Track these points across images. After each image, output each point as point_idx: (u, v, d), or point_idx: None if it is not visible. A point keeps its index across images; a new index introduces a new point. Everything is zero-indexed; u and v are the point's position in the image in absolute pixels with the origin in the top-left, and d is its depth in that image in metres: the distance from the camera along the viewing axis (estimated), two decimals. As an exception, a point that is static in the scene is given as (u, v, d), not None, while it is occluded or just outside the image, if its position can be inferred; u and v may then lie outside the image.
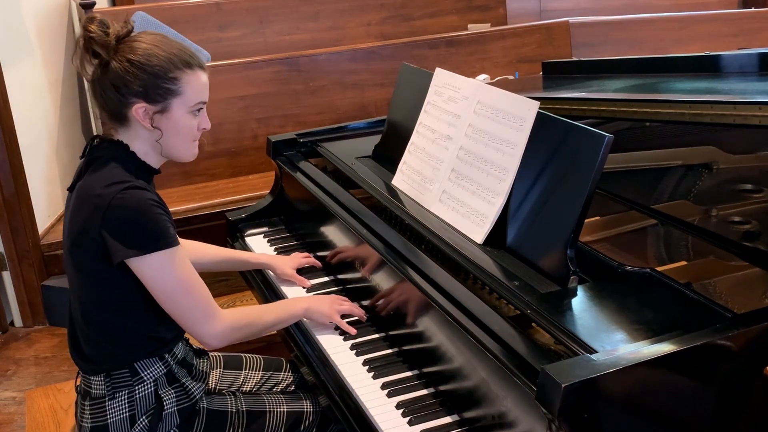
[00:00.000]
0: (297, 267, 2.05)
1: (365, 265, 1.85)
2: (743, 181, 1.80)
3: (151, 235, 1.50)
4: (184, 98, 1.57)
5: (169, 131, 1.58)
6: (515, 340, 1.32)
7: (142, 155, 1.60)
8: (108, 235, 1.49)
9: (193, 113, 1.60)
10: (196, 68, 1.59)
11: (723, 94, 1.88)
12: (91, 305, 1.59)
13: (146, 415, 1.60)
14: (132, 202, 1.49)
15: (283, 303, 1.84)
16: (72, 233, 1.56)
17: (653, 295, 1.40)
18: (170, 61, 1.55)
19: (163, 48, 1.56)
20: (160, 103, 1.55)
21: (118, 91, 1.54)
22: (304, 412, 1.78)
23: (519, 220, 1.58)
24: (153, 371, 1.61)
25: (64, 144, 3.88)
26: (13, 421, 2.81)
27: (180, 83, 1.56)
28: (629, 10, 4.77)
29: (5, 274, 3.41)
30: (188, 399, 1.65)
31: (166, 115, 1.57)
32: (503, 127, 1.65)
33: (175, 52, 1.56)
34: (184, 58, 1.57)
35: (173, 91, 1.55)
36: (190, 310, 1.58)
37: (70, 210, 1.59)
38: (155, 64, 1.53)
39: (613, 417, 1.18)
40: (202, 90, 1.60)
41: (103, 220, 1.49)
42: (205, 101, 1.62)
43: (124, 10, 4.16)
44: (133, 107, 1.54)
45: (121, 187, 1.50)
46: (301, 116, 3.54)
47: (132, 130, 1.59)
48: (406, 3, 4.53)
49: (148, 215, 1.50)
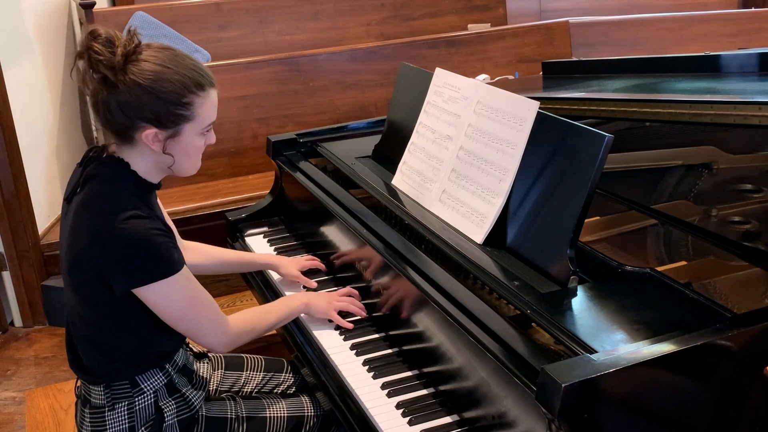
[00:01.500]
0: (301, 269, 2.04)
1: (366, 266, 1.85)
2: (743, 181, 1.80)
3: (154, 264, 1.46)
4: (197, 122, 1.51)
5: (179, 154, 1.53)
6: (515, 340, 1.32)
7: (144, 173, 1.55)
8: (110, 268, 1.45)
9: (202, 134, 1.55)
10: (208, 88, 1.52)
11: (723, 94, 1.88)
12: (91, 324, 1.55)
13: (146, 426, 1.58)
14: (133, 234, 1.44)
15: (283, 301, 1.84)
16: (71, 256, 1.51)
17: (653, 295, 1.40)
18: (183, 86, 1.47)
19: (175, 70, 1.47)
20: (171, 128, 1.49)
21: (126, 113, 1.46)
22: (305, 416, 1.77)
23: (519, 220, 1.58)
24: (153, 382, 1.59)
25: (64, 144, 3.88)
26: (13, 421, 2.81)
27: (193, 108, 1.49)
28: (629, 10, 4.78)
29: (5, 274, 3.41)
30: (189, 410, 1.63)
31: (177, 138, 1.51)
32: (503, 127, 1.65)
33: (188, 73, 1.48)
34: (197, 80, 1.49)
35: (186, 116, 1.49)
36: (200, 326, 1.57)
37: (69, 228, 1.53)
38: (168, 90, 1.45)
39: (613, 417, 1.18)
40: (213, 110, 1.55)
41: (105, 253, 1.45)
42: (215, 119, 1.56)
43: (124, 10, 4.16)
44: (142, 132, 1.47)
45: (122, 218, 1.44)
46: (301, 116, 3.54)
47: (137, 150, 1.52)
48: (406, 3, 4.53)
49: (150, 246, 1.45)
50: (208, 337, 1.59)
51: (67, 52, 4.08)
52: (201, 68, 1.52)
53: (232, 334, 1.62)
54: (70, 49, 4.16)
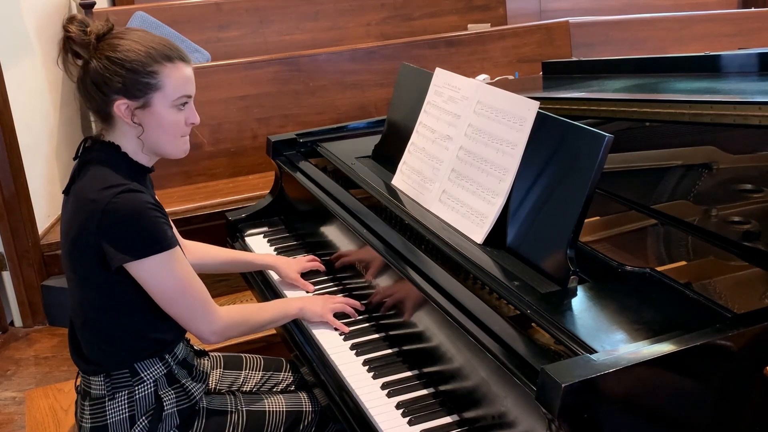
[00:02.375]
0: (301, 270, 2.04)
1: (366, 266, 1.85)
2: (743, 181, 1.80)
3: (147, 239, 1.49)
4: (165, 92, 1.54)
5: (152, 126, 1.56)
6: (515, 340, 1.32)
7: (133, 154, 1.59)
8: (104, 241, 1.48)
9: (176, 107, 1.57)
10: (176, 61, 1.55)
11: (723, 94, 1.88)
12: (91, 308, 1.59)
13: (146, 415, 1.60)
14: (127, 207, 1.48)
15: (278, 302, 1.85)
16: (69, 238, 1.55)
17: (653, 295, 1.40)
18: (149, 55, 1.52)
19: (142, 43, 1.53)
20: (140, 98, 1.53)
21: (100, 89, 1.53)
22: (303, 411, 1.78)
23: (519, 220, 1.58)
24: (153, 372, 1.61)
25: (64, 144, 3.88)
26: (13, 421, 2.81)
27: (159, 77, 1.53)
28: (629, 10, 4.78)
29: (5, 274, 3.41)
30: (188, 400, 1.65)
31: (148, 110, 1.54)
32: (503, 127, 1.65)
33: (155, 45, 1.54)
34: (164, 52, 1.54)
35: (152, 85, 1.53)
36: (189, 309, 1.58)
37: (67, 214, 1.58)
38: (133, 59, 1.51)
39: (613, 417, 1.18)
40: (185, 83, 1.57)
41: (99, 226, 1.48)
42: (189, 95, 1.58)
43: (124, 10, 4.17)
44: (114, 104, 1.53)
45: (115, 191, 1.49)
46: (301, 116, 3.54)
47: (119, 129, 1.57)
48: (406, 3, 4.53)
49: (144, 219, 1.49)
50: (199, 324, 1.60)
51: (67, 52, 4.07)
52: (170, 44, 1.58)
53: (222, 323, 1.62)
54: (70, 49, 4.16)
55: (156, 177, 1.68)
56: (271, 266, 2.07)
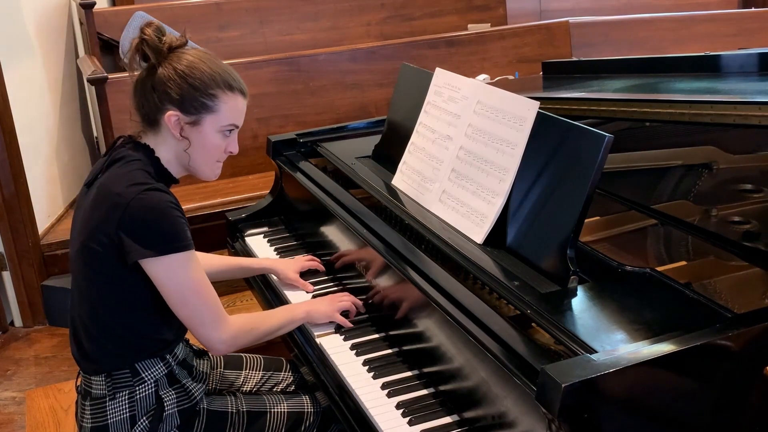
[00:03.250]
0: (300, 270, 2.04)
1: (366, 266, 1.85)
2: (743, 181, 1.80)
3: (168, 236, 1.51)
4: (218, 117, 1.59)
5: (197, 144, 1.60)
6: (515, 340, 1.32)
7: (165, 162, 1.62)
8: (125, 234, 1.49)
9: (223, 133, 1.61)
10: (236, 92, 1.61)
11: (723, 94, 1.88)
12: (98, 302, 1.58)
13: (147, 415, 1.60)
14: (152, 203, 1.50)
15: (284, 309, 1.83)
16: (87, 229, 1.55)
17: (653, 295, 1.40)
18: (213, 79, 1.57)
19: (210, 65, 1.59)
20: (193, 115, 1.57)
21: (157, 95, 1.57)
22: (305, 412, 1.78)
23: (519, 220, 1.58)
24: (154, 372, 1.61)
25: (64, 144, 3.88)
26: (13, 421, 2.81)
27: (217, 101, 1.58)
28: (629, 10, 4.78)
29: (5, 274, 3.41)
30: (189, 400, 1.65)
31: (197, 128, 1.59)
32: (503, 127, 1.65)
33: (220, 72, 1.59)
34: (228, 81, 1.60)
35: (209, 107, 1.58)
36: (201, 314, 1.58)
37: (88, 205, 1.58)
38: (197, 77, 1.56)
39: (613, 417, 1.18)
40: (238, 114, 1.62)
41: (122, 219, 1.49)
42: (238, 125, 1.64)
43: (124, 10, 4.17)
44: (166, 113, 1.57)
45: (142, 188, 1.51)
46: (301, 116, 3.54)
47: (160, 136, 1.61)
48: (406, 3, 4.54)
49: (167, 217, 1.51)
50: (209, 330, 1.59)
51: (67, 51, 4.08)
52: (235, 74, 1.63)
53: (232, 332, 1.62)
54: (71, 49, 4.16)
55: (156, 177, 1.68)
56: (269, 269, 2.07)
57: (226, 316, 1.62)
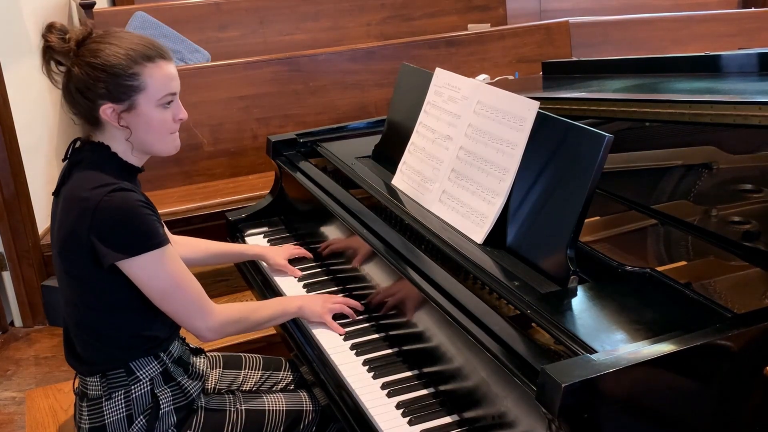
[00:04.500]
0: (289, 257, 2.09)
1: (362, 261, 1.85)
2: (743, 181, 1.80)
3: (139, 236, 1.50)
4: (149, 92, 1.54)
5: (140, 127, 1.56)
6: (515, 340, 1.32)
7: (123, 155, 1.59)
8: (96, 238, 1.49)
9: (162, 106, 1.57)
10: (157, 60, 1.55)
11: (723, 94, 1.87)
12: (83, 307, 1.58)
13: (143, 414, 1.60)
14: (119, 204, 1.49)
15: (277, 300, 1.85)
16: (60, 237, 1.55)
17: (653, 295, 1.40)
18: (128, 57, 1.52)
19: (121, 45, 1.53)
20: (125, 101, 1.53)
21: (84, 95, 1.54)
22: (304, 410, 1.78)
23: (519, 220, 1.58)
24: (148, 370, 1.61)
25: (64, 144, 3.84)
26: (13, 421, 2.81)
27: (141, 78, 1.53)
28: (629, 10, 4.78)
29: (5, 274, 3.41)
30: (185, 398, 1.65)
31: (134, 111, 1.55)
32: (503, 127, 1.65)
33: (133, 47, 1.53)
34: (143, 52, 1.54)
35: (135, 87, 1.53)
36: (184, 306, 1.58)
37: (58, 214, 1.58)
38: (114, 63, 1.51)
39: (613, 417, 1.18)
40: (168, 81, 1.57)
41: (91, 223, 1.48)
42: (174, 92, 1.58)
43: (124, 10, 4.17)
44: (100, 109, 1.54)
45: (107, 190, 1.49)
46: (301, 116, 3.54)
47: (108, 132, 1.58)
48: (406, 3, 4.53)
49: (136, 216, 1.50)
50: (195, 321, 1.60)
51: (67, 52, 4.07)
52: (149, 42, 1.57)
53: (219, 320, 1.62)
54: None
55: (156, 177, 1.69)
56: (259, 255, 2.11)
57: (211, 304, 1.62)
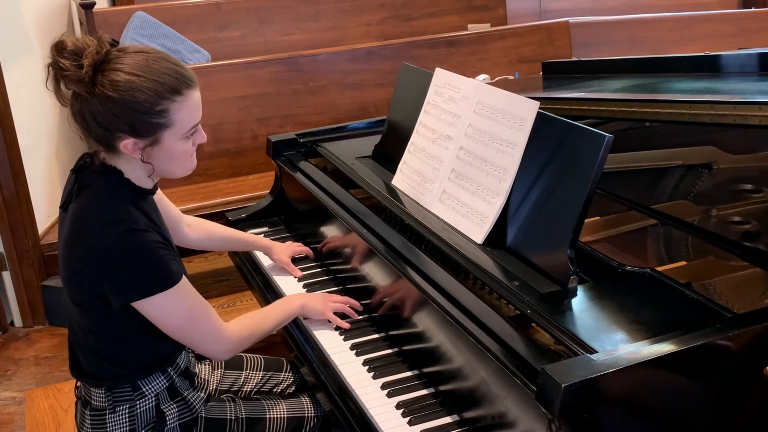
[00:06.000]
0: (292, 255, 2.11)
1: (362, 261, 1.85)
2: (743, 181, 1.80)
3: (152, 278, 1.45)
4: (176, 128, 1.45)
5: (162, 159, 1.48)
6: (515, 340, 1.32)
7: (137, 180, 1.52)
8: (106, 282, 1.43)
9: (186, 137, 1.49)
10: (185, 91, 1.44)
11: (723, 94, 1.87)
12: (92, 334, 1.55)
13: (146, 429, 1.58)
14: (130, 248, 1.43)
15: (279, 304, 1.83)
16: (68, 269, 1.50)
17: (653, 295, 1.40)
18: (156, 93, 1.40)
19: (146, 77, 1.40)
20: (149, 137, 1.44)
21: (102, 125, 1.42)
22: (305, 417, 1.77)
23: (519, 220, 1.58)
24: (155, 386, 1.58)
25: (64, 144, 3.88)
26: (13, 421, 2.81)
27: (169, 114, 1.43)
28: (629, 10, 4.78)
29: (5, 274, 3.41)
30: (190, 413, 1.63)
31: (158, 146, 1.46)
32: (503, 127, 1.65)
33: (160, 78, 1.41)
34: (171, 85, 1.42)
35: (162, 124, 1.43)
36: (199, 334, 1.56)
37: (65, 237, 1.51)
38: (140, 100, 1.39)
39: (613, 417, 1.18)
40: (195, 112, 1.48)
41: (100, 265, 1.43)
42: (198, 122, 1.50)
43: (124, 10, 4.16)
44: (120, 142, 1.43)
45: (118, 230, 1.42)
46: (301, 116, 3.54)
47: (123, 158, 1.49)
48: (406, 3, 4.53)
49: (148, 259, 1.44)
50: (209, 346, 1.59)
51: (67, 52, 4.07)
52: (177, 71, 1.45)
53: (232, 342, 1.61)
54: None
55: (156, 177, 1.66)
56: (266, 247, 2.14)
57: (223, 327, 1.59)
